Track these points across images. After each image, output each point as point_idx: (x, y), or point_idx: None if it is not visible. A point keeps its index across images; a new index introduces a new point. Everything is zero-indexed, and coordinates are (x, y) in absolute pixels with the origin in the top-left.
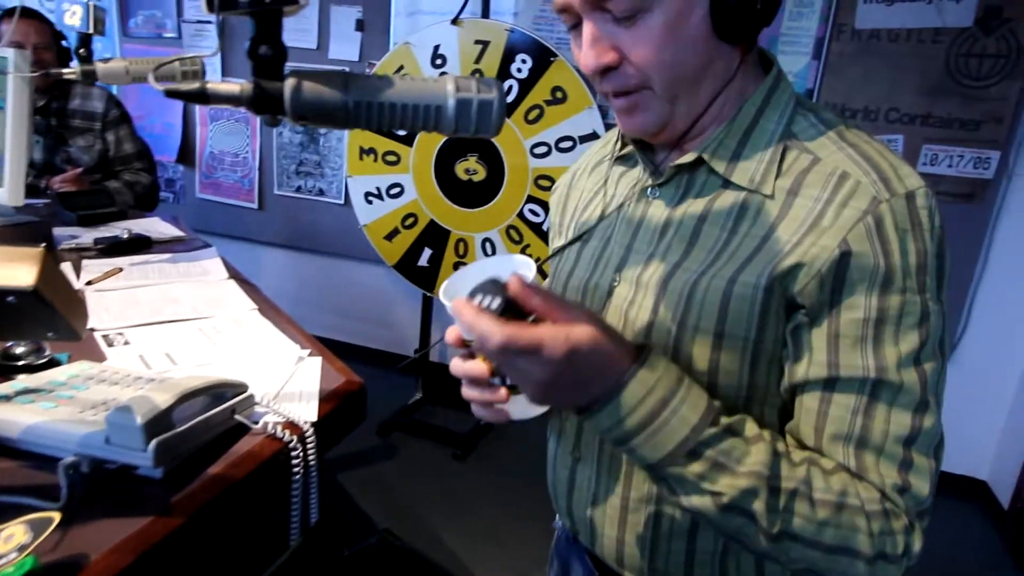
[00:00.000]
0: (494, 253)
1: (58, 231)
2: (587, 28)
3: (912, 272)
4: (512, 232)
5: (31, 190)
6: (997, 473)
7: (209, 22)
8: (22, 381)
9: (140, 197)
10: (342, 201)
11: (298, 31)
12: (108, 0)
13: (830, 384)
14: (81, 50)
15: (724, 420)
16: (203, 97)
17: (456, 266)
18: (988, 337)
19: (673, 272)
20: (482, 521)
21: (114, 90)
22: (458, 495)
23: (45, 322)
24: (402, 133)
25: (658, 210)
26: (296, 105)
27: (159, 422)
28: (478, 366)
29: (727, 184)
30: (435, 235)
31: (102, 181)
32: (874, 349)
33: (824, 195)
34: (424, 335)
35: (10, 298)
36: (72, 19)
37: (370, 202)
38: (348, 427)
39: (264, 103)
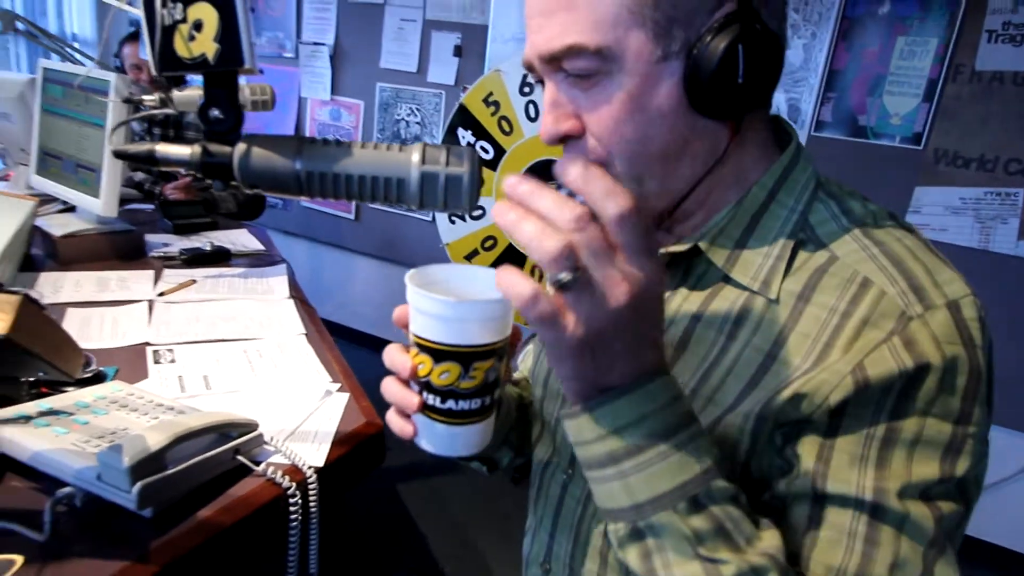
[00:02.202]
0: None
1: (151, 238)
2: (547, 91)
3: (952, 398)
4: None
5: (147, 196)
6: None
7: (323, 44)
8: (50, 400)
9: (243, 204)
10: (430, 219)
11: (400, 55)
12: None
13: (818, 500)
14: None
15: (730, 484)
16: (152, 160)
17: None
18: None
19: None
20: None
21: None
22: (512, 520)
23: (29, 364)
24: (487, 156)
25: None
26: (244, 172)
27: (148, 464)
28: (404, 359)
29: (728, 279)
30: (513, 259)
31: (210, 188)
32: (876, 469)
33: (841, 306)
34: None
35: None
36: None
37: (453, 222)
38: (363, 471)
39: (213, 169)
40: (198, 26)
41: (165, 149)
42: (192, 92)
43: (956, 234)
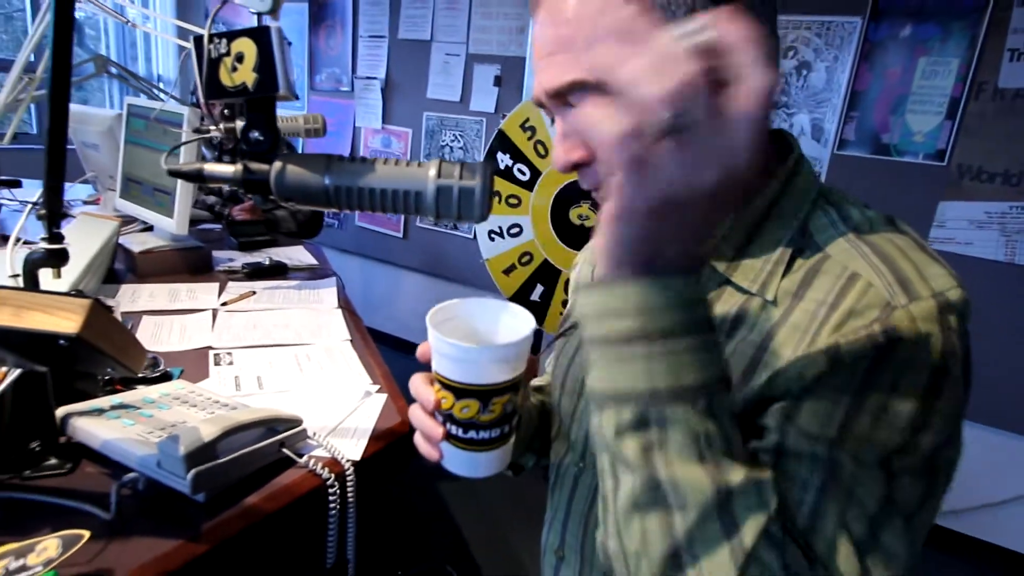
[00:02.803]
0: None
1: (218, 254)
2: (557, 124)
3: (922, 371)
4: None
5: (217, 217)
6: None
7: (375, 78)
8: (121, 396)
9: (302, 224)
10: (471, 236)
11: (445, 86)
12: (301, 59)
13: (782, 454)
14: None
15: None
16: (200, 177)
17: (564, 303)
18: None
19: None
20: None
21: None
22: (541, 514)
23: (98, 361)
24: (524, 178)
25: None
26: (280, 187)
27: (201, 454)
28: (428, 392)
29: (729, 282)
30: (547, 273)
31: (272, 211)
32: (839, 430)
33: (829, 298)
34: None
35: (61, 341)
36: None
37: (492, 239)
38: (397, 466)
39: (252, 185)
40: (240, 58)
41: (212, 168)
42: None
43: (982, 248)
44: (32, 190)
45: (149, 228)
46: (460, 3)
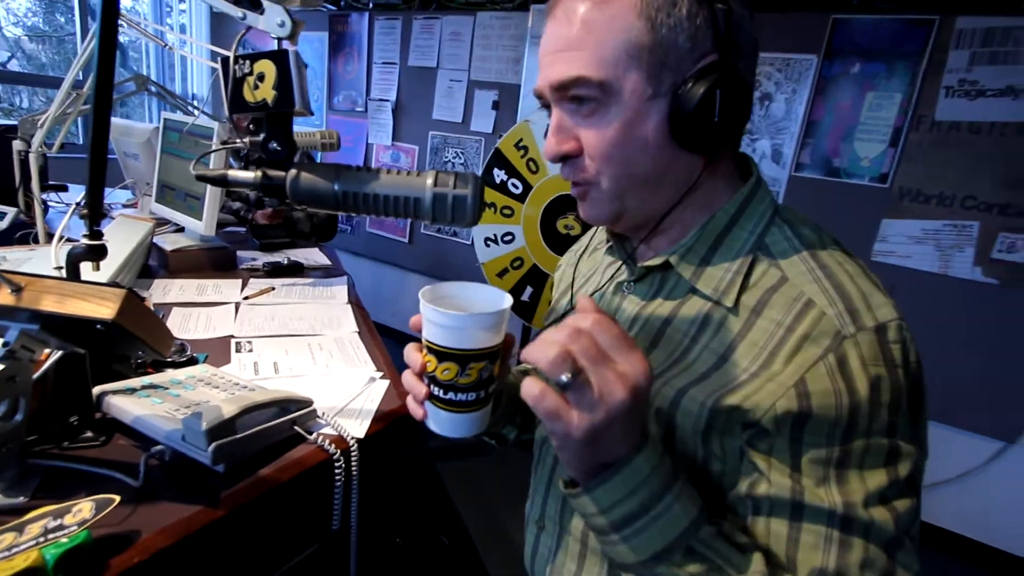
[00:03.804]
0: None
1: (242, 254)
2: (554, 116)
3: (881, 414)
4: None
5: (242, 221)
6: None
7: (387, 100)
8: (151, 377)
9: (317, 227)
10: (469, 242)
11: (448, 108)
12: (321, 81)
13: (797, 510)
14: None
15: (714, 525)
16: (224, 181)
17: (550, 302)
18: None
19: None
20: None
21: None
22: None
23: (131, 344)
24: (516, 191)
25: (631, 305)
26: (295, 192)
27: (221, 429)
28: (417, 357)
29: (694, 290)
30: (536, 277)
31: (291, 213)
32: (838, 485)
33: (787, 320)
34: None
35: (98, 326)
36: None
37: (488, 245)
38: (397, 444)
39: (271, 189)
40: (261, 78)
41: (234, 173)
42: None
43: (919, 261)
44: (77, 194)
45: (181, 229)
46: (463, 35)
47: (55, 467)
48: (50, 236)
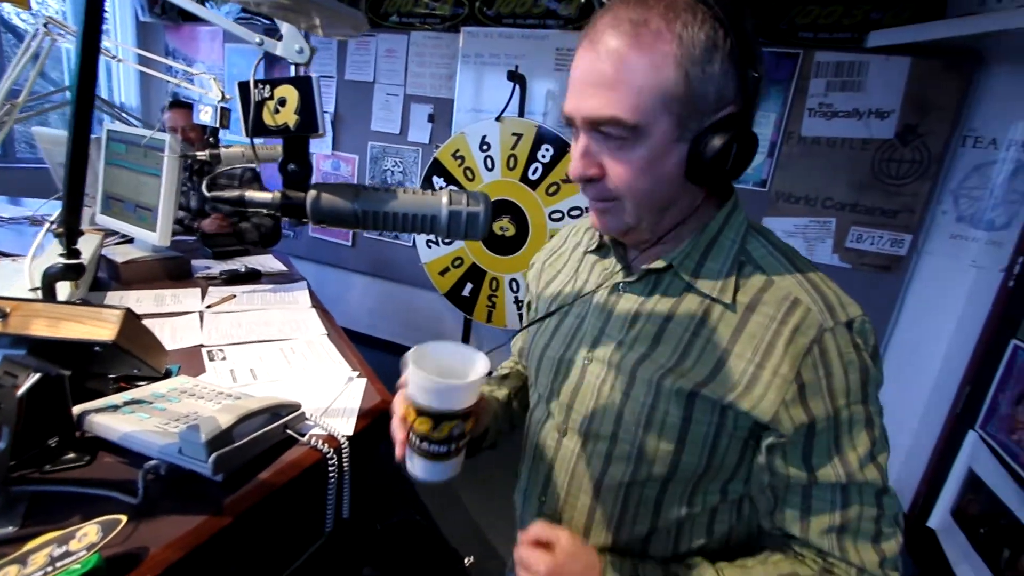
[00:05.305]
0: (518, 290)
1: (197, 262)
2: (581, 141)
3: (856, 388)
4: None
5: (187, 230)
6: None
7: (326, 111)
8: (131, 392)
9: (264, 235)
10: (411, 244)
11: (387, 120)
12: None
13: (808, 488)
14: (210, 139)
15: None
16: (242, 203)
17: (490, 298)
18: (898, 374)
19: (642, 362)
20: (511, 508)
21: None
22: (494, 482)
23: (129, 363)
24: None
25: (628, 302)
26: (315, 212)
27: (220, 439)
28: (401, 407)
29: (690, 288)
30: (475, 274)
31: (238, 223)
32: (840, 458)
33: (779, 315)
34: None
35: (96, 348)
36: (205, 116)
37: (429, 247)
38: (383, 438)
39: (290, 209)
40: (283, 102)
41: (252, 194)
42: (235, 150)
43: None
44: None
45: (129, 240)
46: (398, 52)
47: (45, 492)
48: None
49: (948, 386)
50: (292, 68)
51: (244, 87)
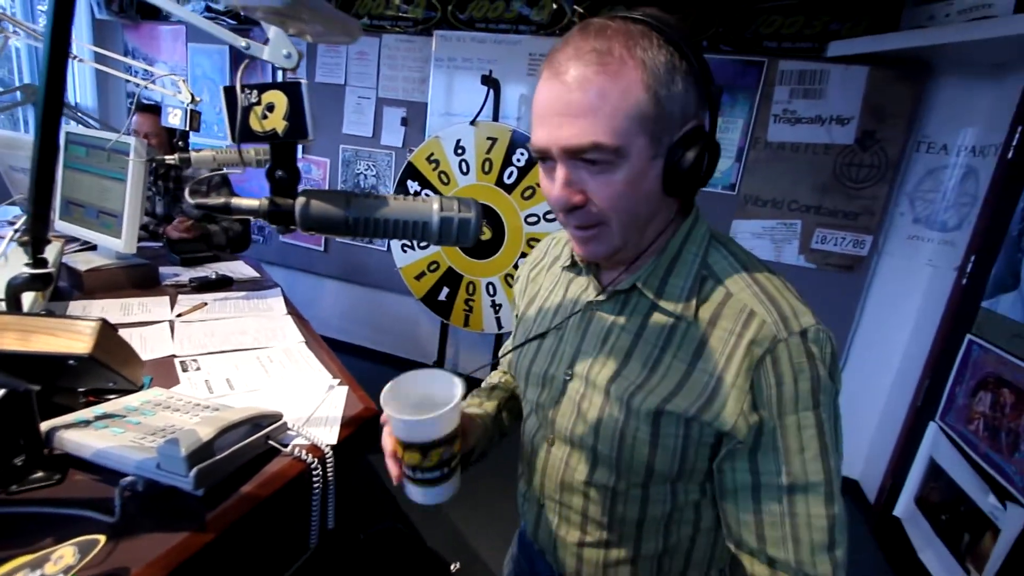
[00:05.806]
0: (495, 294)
1: (164, 270)
2: (561, 171)
3: (805, 395)
4: (508, 279)
5: (152, 235)
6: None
7: None
8: (103, 406)
9: (232, 240)
10: (385, 248)
11: (359, 123)
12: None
13: (757, 492)
14: (180, 142)
15: None
16: (227, 210)
17: (467, 302)
18: (861, 368)
19: (615, 379)
20: (494, 514)
21: None
22: (478, 492)
23: (105, 377)
24: None
25: (601, 320)
26: (304, 219)
27: (200, 453)
28: (389, 443)
29: (655, 307)
30: (452, 278)
31: (205, 226)
32: (786, 464)
33: (736, 328)
34: (441, 350)
35: (71, 361)
36: (174, 119)
37: (405, 251)
38: (366, 446)
39: (278, 216)
40: (271, 108)
41: (238, 201)
42: (206, 154)
43: (760, 252)
44: None
45: (92, 247)
46: (370, 55)
47: (13, 514)
48: None
49: (909, 380)
50: (279, 73)
51: (230, 92)
